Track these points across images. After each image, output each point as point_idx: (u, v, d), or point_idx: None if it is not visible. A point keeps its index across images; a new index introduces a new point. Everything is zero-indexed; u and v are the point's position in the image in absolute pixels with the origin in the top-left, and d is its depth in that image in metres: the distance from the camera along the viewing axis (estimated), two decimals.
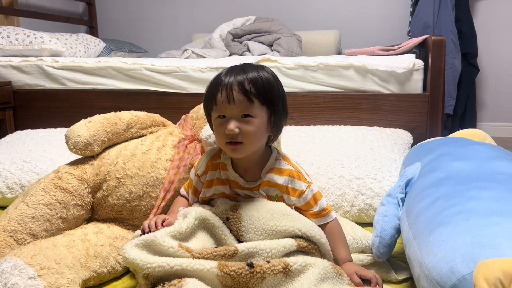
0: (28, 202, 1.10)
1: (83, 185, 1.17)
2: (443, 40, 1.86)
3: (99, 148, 1.21)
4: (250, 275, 0.87)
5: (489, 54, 3.31)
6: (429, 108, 1.88)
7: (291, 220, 0.99)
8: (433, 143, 1.35)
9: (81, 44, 2.78)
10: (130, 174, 1.18)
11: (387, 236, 1.04)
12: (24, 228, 1.06)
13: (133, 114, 1.31)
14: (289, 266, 0.90)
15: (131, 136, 1.29)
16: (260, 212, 0.99)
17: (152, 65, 2.06)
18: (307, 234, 0.99)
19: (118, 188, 1.17)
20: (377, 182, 1.42)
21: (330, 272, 0.93)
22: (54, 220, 1.11)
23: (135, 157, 1.21)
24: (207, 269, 0.86)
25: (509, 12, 3.26)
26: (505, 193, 0.85)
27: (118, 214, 1.19)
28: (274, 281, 0.89)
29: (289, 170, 1.05)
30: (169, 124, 1.40)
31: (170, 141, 1.27)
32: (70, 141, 1.18)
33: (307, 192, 1.04)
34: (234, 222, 0.99)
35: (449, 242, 0.75)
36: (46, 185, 1.14)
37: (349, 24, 3.50)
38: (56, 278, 0.90)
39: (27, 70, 2.14)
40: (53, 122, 2.03)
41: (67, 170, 1.18)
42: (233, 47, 2.90)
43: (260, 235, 0.97)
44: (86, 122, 1.21)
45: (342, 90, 1.96)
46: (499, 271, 0.62)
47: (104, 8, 3.87)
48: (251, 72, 0.98)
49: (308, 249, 0.99)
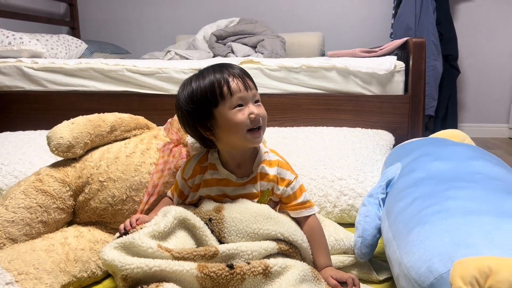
0: (7, 206, 1.07)
1: (64, 188, 1.15)
2: (424, 42, 1.89)
3: (81, 150, 1.19)
4: (230, 276, 0.87)
5: (470, 56, 3.37)
6: (410, 109, 1.90)
7: (274, 223, 0.99)
8: (413, 143, 1.37)
9: (62, 45, 2.74)
10: (113, 177, 1.16)
11: (369, 237, 1.05)
12: (3, 232, 1.03)
13: (117, 116, 1.29)
14: (269, 267, 0.90)
15: (114, 139, 1.27)
16: (243, 214, 0.98)
17: (134, 66, 2.04)
18: (289, 238, 0.99)
19: (101, 192, 1.15)
20: (359, 183, 1.42)
21: (309, 275, 0.93)
22: (34, 224, 1.08)
23: (118, 160, 1.19)
24: (186, 270, 0.85)
25: (488, 15, 3.33)
26: (482, 192, 0.86)
27: (100, 217, 1.17)
28: (253, 282, 0.89)
29: (278, 161, 1.07)
30: (153, 127, 1.38)
31: (155, 145, 1.25)
32: (52, 142, 1.15)
33: (295, 183, 1.05)
34: (216, 223, 0.99)
35: (427, 242, 0.76)
36: (26, 188, 1.11)
37: (332, 26, 3.52)
38: (34, 284, 0.88)
39: (5, 72, 2.10)
40: (33, 124, 1.99)
41: (48, 173, 1.16)
42: (217, 49, 2.89)
43: (242, 237, 0.97)
44: (69, 124, 1.19)
45: (324, 91, 1.97)
46: (474, 269, 0.62)
47: (86, 9, 3.83)
48: (235, 66, 1.04)
49: (289, 253, 0.99)
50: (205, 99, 0.99)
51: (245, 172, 1.06)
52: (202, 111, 1.00)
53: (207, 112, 1.00)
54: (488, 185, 0.90)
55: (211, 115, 1.00)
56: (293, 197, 1.06)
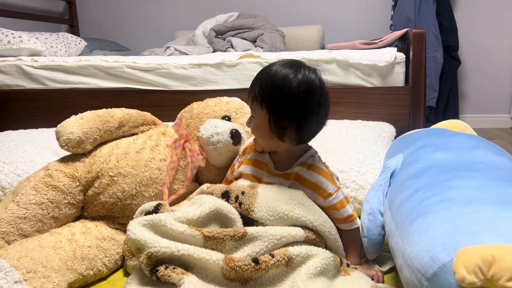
0: (19, 202, 1.07)
1: (74, 183, 1.15)
2: (424, 33, 1.88)
3: (91, 146, 1.19)
4: (254, 271, 0.87)
5: (470, 46, 3.36)
6: (411, 100, 1.90)
7: (306, 210, 0.98)
8: (414, 134, 1.36)
9: (61, 43, 2.74)
10: (124, 172, 1.17)
11: (374, 236, 1.06)
12: (16, 229, 1.04)
13: (125, 112, 1.29)
14: (292, 258, 0.90)
15: (122, 134, 1.27)
16: (278, 194, 0.98)
17: (133, 62, 2.03)
18: (318, 228, 0.99)
19: (111, 186, 1.16)
20: (361, 175, 1.42)
21: (330, 265, 0.93)
22: (46, 220, 1.08)
23: (128, 155, 1.20)
24: (213, 260, 0.85)
25: (488, 4, 3.31)
26: (484, 181, 0.86)
27: (109, 212, 1.18)
28: (276, 272, 0.89)
29: (322, 170, 1.05)
30: (160, 123, 1.38)
31: (163, 141, 1.26)
32: (62, 137, 1.14)
33: (335, 196, 1.04)
34: (248, 197, 0.98)
35: (430, 231, 0.76)
36: (36, 183, 1.11)
37: (332, 19, 3.51)
38: (42, 283, 0.89)
39: (5, 70, 2.10)
40: (34, 122, 1.99)
41: (57, 168, 1.15)
42: (217, 44, 2.88)
43: (271, 216, 0.96)
44: (78, 119, 1.18)
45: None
46: (478, 258, 0.62)
47: (85, 6, 3.82)
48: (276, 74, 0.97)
49: (315, 242, 0.99)
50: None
51: (284, 167, 1.06)
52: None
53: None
54: (490, 175, 0.90)
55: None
56: (334, 208, 1.05)
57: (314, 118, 0.97)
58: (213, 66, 2.00)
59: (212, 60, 2.01)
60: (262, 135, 1.01)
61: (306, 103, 0.95)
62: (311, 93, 0.95)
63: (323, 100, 0.97)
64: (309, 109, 0.95)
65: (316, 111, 0.96)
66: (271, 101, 0.96)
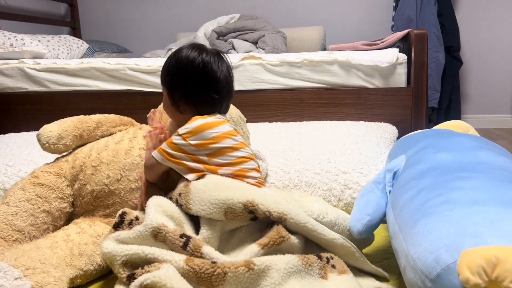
0: (8, 202, 1.10)
1: (60, 179, 1.20)
2: (425, 34, 1.88)
3: (71, 142, 1.24)
4: (211, 270, 0.85)
5: (472, 47, 3.36)
6: (413, 101, 1.90)
7: (239, 190, 0.98)
8: (417, 135, 1.36)
9: (63, 45, 2.75)
10: (106, 161, 1.21)
11: (369, 207, 1.06)
12: (9, 226, 1.06)
13: (102, 115, 1.37)
14: (252, 263, 0.87)
15: (101, 134, 1.33)
16: (206, 185, 1.01)
17: (135, 65, 2.04)
18: (258, 206, 0.95)
19: (95, 175, 1.20)
20: (363, 176, 1.42)
21: (298, 265, 0.90)
22: (37, 214, 1.11)
23: (108, 147, 1.24)
24: (175, 260, 0.87)
25: (489, 5, 3.31)
26: (487, 182, 0.86)
27: (98, 201, 1.20)
28: (237, 278, 0.86)
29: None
30: (137, 124, 1.44)
31: (140, 134, 1.30)
32: (42, 137, 1.21)
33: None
34: (184, 196, 1.01)
35: (433, 233, 0.76)
36: (24, 184, 1.16)
37: (333, 20, 3.51)
38: (43, 277, 0.89)
39: (8, 73, 2.10)
40: (37, 125, 1.97)
41: (42, 170, 1.21)
42: (218, 46, 2.89)
43: (205, 205, 0.97)
44: (57, 122, 1.27)
45: (327, 85, 1.96)
46: (481, 259, 0.62)
47: (86, 9, 3.83)
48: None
49: (277, 243, 0.93)
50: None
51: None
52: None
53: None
54: (493, 175, 0.90)
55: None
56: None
57: (194, 87, 1.12)
58: None
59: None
60: (168, 111, 1.18)
61: (181, 75, 1.13)
62: (180, 67, 1.13)
63: (195, 71, 1.12)
64: (185, 80, 1.12)
65: (193, 80, 1.12)
66: (164, 79, 1.17)
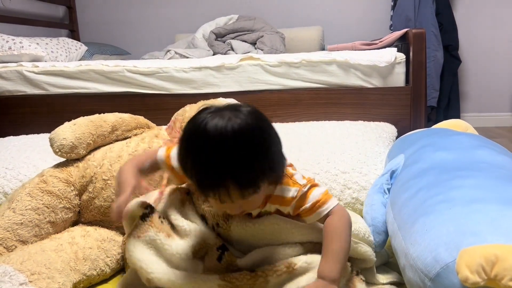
0: (15, 209, 1.08)
1: (69, 187, 1.16)
2: (423, 33, 1.88)
3: (84, 151, 1.20)
4: (252, 280, 0.85)
5: (470, 45, 3.35)
6: (412, 100, 1.90)
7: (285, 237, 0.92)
8: (416, 135, 1.36)
9: (62, 48, 2.75)
10: None
11: (379, 223, 1.03)
12: (14, 235, 1.05)
13: (118, 116, 1.30)
14: (293, 264, 0.87)
15: (116, 138, 1.28)
16: (252, 237, 0.93)
17: (134, 67, 2.04)
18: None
19: (105, 190, 1.16)
20: (363, 176, 1.42)
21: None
22: (43, 225, 1.09)
23: (121, 159, 1.20)
24: (210, 280, 0.84)
25: (488, 3, 3.31)
26: (486, 180, 0.86)
27: (105, 216, 1.18)
28: (278, 282, 0.86)
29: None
30: (154, 126, 1.39)
31: (156, 143, 1.25)
32: (55, 144, 1.16)
33: (299, 196, 0.89)
34: (223, 231, 0.94)
35: (432, 231, 0.76)
36: (31, 190, 1.12)
37: (331, 19, 3.51)
38: (48, 283, 0.89)
39: (6, 76, 2.10)
40: (35, 128, 1.99)
41: (52, 174, 1.17)
42: (217, 47, 2.89)
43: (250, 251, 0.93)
44: (71, 125, 1.20)
45: (325, 85, 1.96)
46: (480, 257, 0.62)
47: (84, 11, 3.82)
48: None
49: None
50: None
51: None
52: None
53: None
54: (492, 174, 0.90)
55: None
56: (299, 206, 0.89)
57: (270, 152, 0.81)
58: (214, 69, 2.01)
59: (212, 63, 2.02)
60: (256, 205, 0.88)
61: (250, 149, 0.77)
62: (251, 140, 0.77)
63: (264, 134, 0.81)
64: (263, 152, 0.79)
65: (266, 147, 0.80)
66: (237, 177, 0.76)
